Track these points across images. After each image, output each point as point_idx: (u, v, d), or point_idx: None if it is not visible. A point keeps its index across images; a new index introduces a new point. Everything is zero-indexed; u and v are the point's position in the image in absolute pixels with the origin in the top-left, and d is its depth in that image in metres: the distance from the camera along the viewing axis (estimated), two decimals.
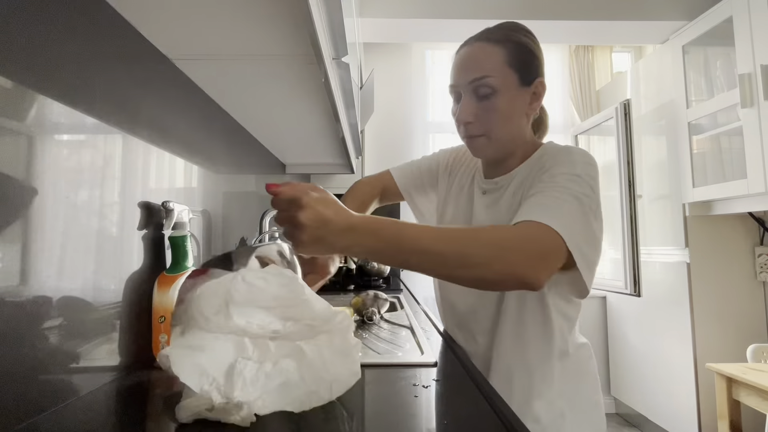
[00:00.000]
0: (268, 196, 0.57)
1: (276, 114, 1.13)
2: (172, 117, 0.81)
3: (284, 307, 0.52)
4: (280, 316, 0.52)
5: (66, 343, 0.53)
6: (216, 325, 0.49)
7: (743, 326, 2.10)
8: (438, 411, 0.54)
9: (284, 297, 0.52)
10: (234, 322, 0.49)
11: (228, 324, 0.49)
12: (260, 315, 0.51)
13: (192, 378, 0.46)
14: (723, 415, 1.71)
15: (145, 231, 0.70)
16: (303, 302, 0.52)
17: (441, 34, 2.23)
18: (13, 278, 0.45)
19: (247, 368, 0.48)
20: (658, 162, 2.34)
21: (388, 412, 0.54)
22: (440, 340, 0.93)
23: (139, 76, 0.69)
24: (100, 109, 0.59)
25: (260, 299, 0.52)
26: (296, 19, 0.62)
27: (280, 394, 0.49)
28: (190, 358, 0.48)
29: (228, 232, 1.16)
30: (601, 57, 2.92)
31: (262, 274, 0.54)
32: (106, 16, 0.61)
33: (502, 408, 0.52)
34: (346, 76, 0.83)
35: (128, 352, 0.65)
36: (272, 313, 0.52)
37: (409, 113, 2.84)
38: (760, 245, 2.13)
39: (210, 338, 0.49)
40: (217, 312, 0.50)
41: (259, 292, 0.52)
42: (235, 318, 0.50)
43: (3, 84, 0.44)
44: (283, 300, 0.52)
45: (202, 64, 0.81)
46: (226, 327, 0.50)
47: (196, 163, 0.93)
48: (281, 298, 0.52)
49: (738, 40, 1.81)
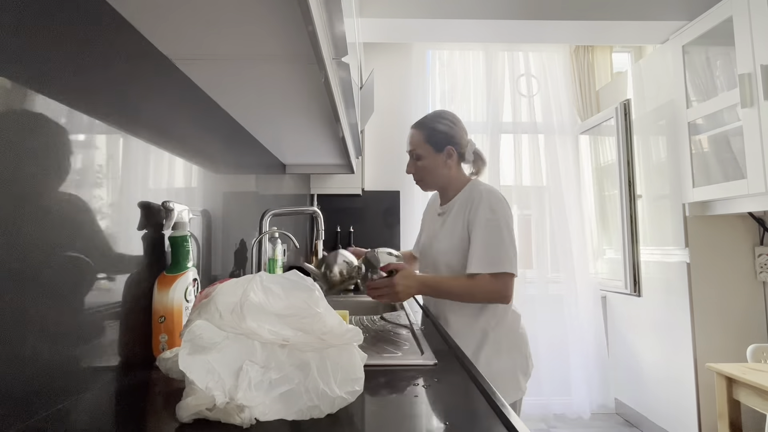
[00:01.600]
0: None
1: (276, 114, 1.13)
2: (172, 117, 0.81)
3: (297, 317, 0.52)
4: (292, 326, 0.52)
5: (66, 343, 0.53)
6: (229, 323, 0.50)
7: (743, 326, 2.10)
8: (438, 411, 0.54)
9: (298, 307, 0.53)
10: (247, 324, 0.50)
11: (240, 325, 0.50)
12: (273, 321, 0.51)
13: (199, 374, 0.47)
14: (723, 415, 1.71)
15: (145, 231, 0.70)
16: (316, 315, 0.52)
17: (441, 34, 2.23)
18: (12, 278, 0.45)
19: (253, 372, 0.49)
20: (658, 162, 2.34)
21: (388, 412, 0.54)
22: (440, 340, 0.93)
23: (139, 76, 0.69)
24: (100, 109, 0.59)
25: (275, 306, 0.52)
26: (296, 19, 0.62)
27: (281, 403, 0.49)
28: (200, 354, 0.48)
29: (228, 232, 1.16)
30: (601, 57, 2.92)
31: (280, 279, 0.55)
32: (106, 16, 0.61)
33: (502, 408, 0.52)
34: (346, 76, 0.83)
35: (128, 352, 0.65)
36: (285, 321, 0.52)
37: (409, 113, 2.84)
38: (760, 245, 2.13)
39: (221, 337, 0.50)
40: (232, 311, 0.50)
41: (275, 298, 0.52)
42: (248, 320, 0.50)
43: (3, 84, 0.44)
44: (298, 310, 0.52)
45: (202, 64, 0.81)
46: (239, 327, 0.50)
47: (196, 163, 0.93)
48: (295, 307, 0.52)
49: (738, 40, 1.81)
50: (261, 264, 1.38)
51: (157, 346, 0.70)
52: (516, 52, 2.89)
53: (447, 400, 0.59)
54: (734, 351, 2.07)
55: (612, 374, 2.73)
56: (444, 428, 0.48)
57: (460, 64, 2.92)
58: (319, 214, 1.53)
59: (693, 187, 2.07)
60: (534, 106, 2.87)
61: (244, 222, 1.32)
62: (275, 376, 0.50)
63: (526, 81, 2.88)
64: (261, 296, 0.52)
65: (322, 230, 1.54)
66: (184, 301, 0.73)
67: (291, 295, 0.53)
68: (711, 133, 2.05)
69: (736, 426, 1.69)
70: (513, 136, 2.86)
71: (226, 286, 0.52)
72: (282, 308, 0.52)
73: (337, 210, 2.77)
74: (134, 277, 0.68)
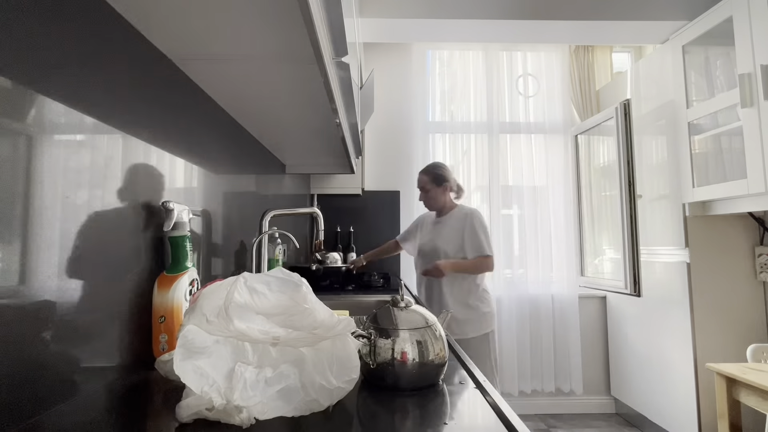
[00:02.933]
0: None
1: (276, 114, 1.13)
2: (172, 117, 0.81)
3: (286, 315, 0.52)
4: (281, 324, 0.51)
5: (66, 343, 0.53)
6: (217, 327, 0.50)
7: (743, 326, 2.10)
8: (438, 410, 0.54)
9: (286, 305, 0.52)
10: (234, 326, 0.49)
11: (228, 327, 0.49)
12: (261, 321, 0.51)
13: (193, 379, 0.47)
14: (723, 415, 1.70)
15: (145, 231, 0.70)
16: (305, 311, 0.52)
17: (441, 34, 2.23)
18: (13, 278, 0.45)
19: (247, 372, 0.48)
20: (658, 162, 2.34)
21: (388, 412, 0.54)
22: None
23: (139, 76, 0.69)
24: (100, 109, 0.59)
25: (261, 305, 0.52)
26: (296, 19, 0.62)
27: (279, 400, 0.49)
28: (192, 359, 0.48)
29: (228, 232, 1.16)
30: (601, 57, 2.92)
31: (265, 278, 0.54)
32: (106, 16, 0.61)
33: (502, 408, 0.52)
34: (346, 76, 0.83)
35: (128, 352, 0.65)
36: (273, 320, 0.52)
37: (409, 113, 2.84)
38: (760, 245, 2.13)
39: (211, 341, 0.50)
40: (218, 314, 0.50)
41: (260, 297, 0.52)
42: (236, 322, 0.50)
43: (3, 84, 0.44)
44: (285, 308, 0.52)
45: (202, 64, 0.81)
46: (227, 330, 0.50)
47: (196, 163, 0.93)
48: (283, 306, 0.52)
49: (738, 40, 1.81)
50: (261, 264, 1.38)
51: (157, 346, 0.70)
52: (515, 52, 2.89)
53: (447, 399, 0.59)
54: (734, 351, 2.07)
55: (612, 374, 2.73)
56: (444, 428, 0.48)
57: (460, 64, 2.92)
58: (319, 214, 1.54)
59: (693, 187, 2.07)
60: (533, 106, 2.87)
61: (244, 222, 1.32)
62: (270, 374, 0.50)
63: (525, 81, 2.88)
64: (246, 297, 0.51)
65: (322, 230, 1.54)
66: (184, 301, 0.73)
67: (277, 293, 0.53)
68: (711, 133, 2.05)
69: (736, 426, 1.69)
70: (512, 136, 2.86)
71: (211, 289, 0.52)
72: (269, 307, 0.52)
73: (337, 210, 2.77)
74: (134, 277, 0.68)
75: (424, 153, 2.83)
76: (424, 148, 2.84)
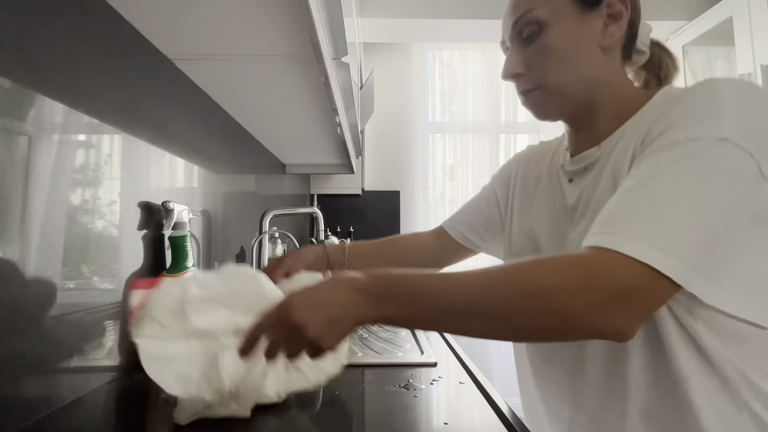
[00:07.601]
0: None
1: (276, 114, 1.13)
2: (172, 117, 0.81)
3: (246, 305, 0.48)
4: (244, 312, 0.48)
5: (66, 343, 0.53)
6: (174, 331, 0.47)
7: None
8: (438, 411, 0.54)
9: (244, 296, 0.50)
10: (193, 324, 0.47)
11: (187, 327, 0.47)
12: (222, 313, 0.48)
13: (176, 387, 0.45)
14: None
15: (145, 231, 0.70)
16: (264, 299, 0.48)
17: (441, 34, 2.23)
18: (13, 278, 0.45)
19: (226, 359, 0.47)
20: None
21: (388, 412, 0.54)
22: (440, 340, 0.93)
23: (139, 76, 0.69)
24: (100, 109, 0.59)
25: (218, 297, 0.49)
26: (296, 19, 0.62)
27: (267, 378, 0.48)
28: (167, 368, 0.46)
29: (228, 232, 1.16)
30: None
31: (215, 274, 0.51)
32: (106, 16, 0.61)
33: (502, 408, 0.52)
34: (346, 76, 0.83)
35: (128, 352, 0.65)
36: (235, 310, 0.49)
37: (409, 113, 2.84)
38: None
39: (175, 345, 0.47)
40: (173, 316, 0.47)
41: (215, 291, 0.49)
42: (194, 319, 0.47)
43: (3, 84, 0.44)
44: (244, 298, 0.49)
45: (202, 64, 0.81)
46: (185, 330, 0.47)
47: (196, 163, 0.93)
48: (241, 296, 0.49)
49: (738, 40, 1.81)
50: (261, 264, 1.38)
51: None
52: None
53: (447, 399, 0.59)
54: None
55: None
56: (444, 428, 0.48)
57: (460, 64, 2.92)
58: (319, 214, 1.53)
59: None
60: None
61: (244, 222, 1.32)
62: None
63: None
64: (200, 292, 0.48)
65: (322, 230, 1.54)
66: None
67: (231, 284, 0.50)
68: None
69: None
70: (512, 136, 2.86)
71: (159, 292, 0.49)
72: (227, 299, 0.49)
73: (337, 210, 2.77)
74: (134, 278, 0.68)
75: (424, 153, 2.83)
76: (424, 148, 2.84)
